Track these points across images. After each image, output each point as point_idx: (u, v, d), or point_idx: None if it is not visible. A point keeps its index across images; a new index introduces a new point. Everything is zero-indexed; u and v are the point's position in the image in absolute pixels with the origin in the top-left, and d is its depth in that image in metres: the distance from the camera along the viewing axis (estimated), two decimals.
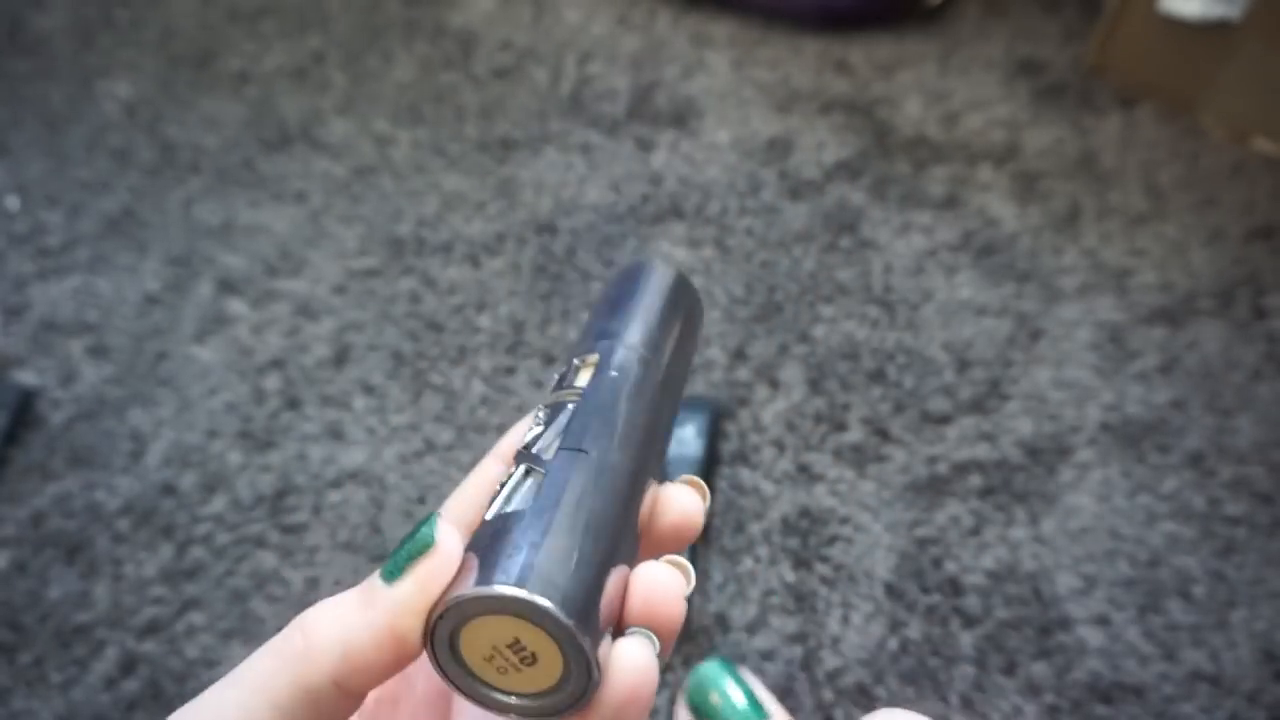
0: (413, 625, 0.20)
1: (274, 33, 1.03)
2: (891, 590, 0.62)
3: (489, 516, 0.22)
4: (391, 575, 0.20)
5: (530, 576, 0.20)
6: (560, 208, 0.85)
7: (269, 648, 0.21)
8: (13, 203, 0.86)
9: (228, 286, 0.79)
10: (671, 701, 0.58)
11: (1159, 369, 0.73)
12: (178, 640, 0.60)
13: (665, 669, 0.59)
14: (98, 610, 0.61)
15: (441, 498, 0.63)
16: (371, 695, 0.24)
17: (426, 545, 0.20)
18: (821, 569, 0.63)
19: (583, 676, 0.20)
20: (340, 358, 0.75)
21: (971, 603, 0.62)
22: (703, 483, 0.25)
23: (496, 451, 0.27)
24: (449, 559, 0.20)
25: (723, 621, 0.61)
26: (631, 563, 0.22)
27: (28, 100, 0.95)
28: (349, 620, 0.21)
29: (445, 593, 0.20)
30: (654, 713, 0.57)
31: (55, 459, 0.68)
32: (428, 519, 0.21)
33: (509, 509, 0.22)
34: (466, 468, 0.68)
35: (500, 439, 0.28)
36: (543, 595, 0.19)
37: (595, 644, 0.20)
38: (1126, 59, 0.94)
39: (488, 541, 0.21)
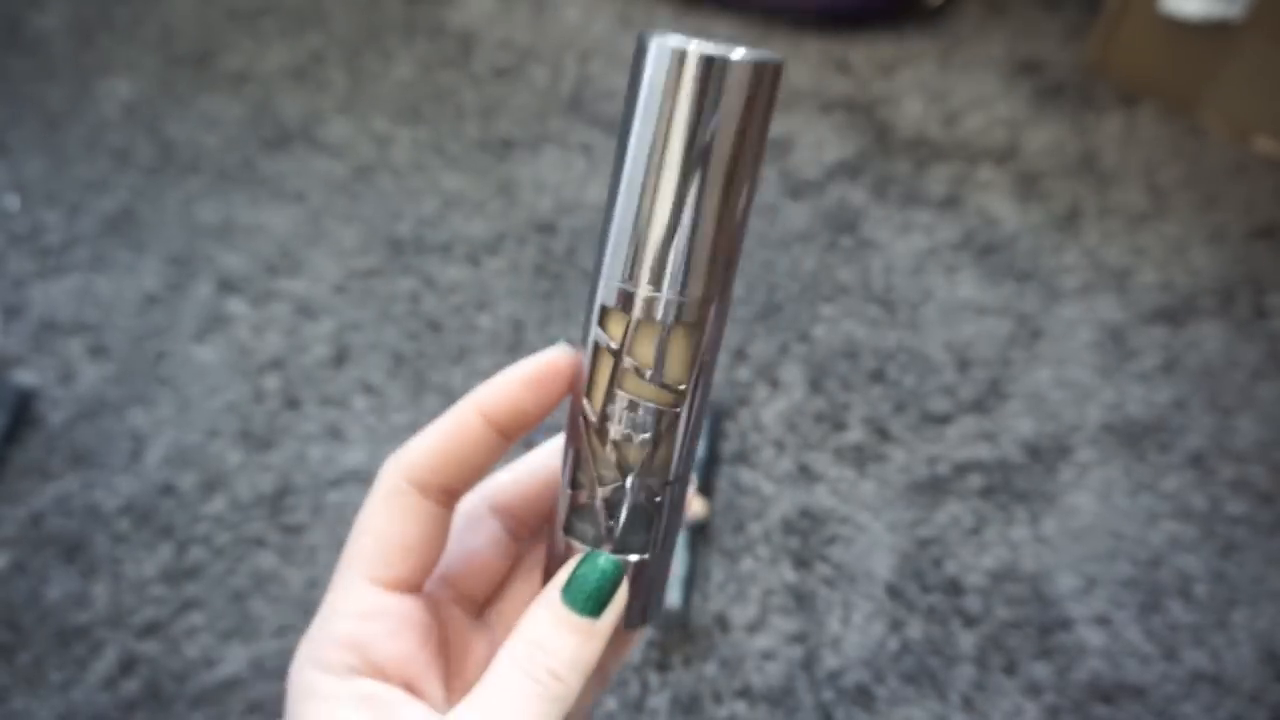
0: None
1: (274, 32, 1.03)
2: (892, 590, 0.62)
3: (614, 529, 0.27)
4: (597, 610, 0.26)
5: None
6: (560, 207, 0.85)
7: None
8: (12, 202, 0.86)
9: (227, 286, 0.79)
10: (672, 702, 0.58)
11: (1160, 368, 0.73)
12: (177, 640, 0.60)
13: (666, 668, 0.59)
14: (97, 610, 0.61)
15: None
16: (418, 666, 0.27)
17: (618, 582, 0.26)
18: (822, 569, 0.63)
19: None
20: (340, 357, 0.74)
21: (972, 603, 0.62)
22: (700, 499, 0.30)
23: (478, 404, 0.27)
24: (625, 594, 0.26)
25: (723, 621, 0.61)
26: None
27: (27, 99, 0.95)
28: (583, 656, 0.25)
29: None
30: (654, 712, 0.57)
31: (55, 459, 0.68)
32: (605, 559, 0.26)
33: (643, 547, 0.27)
34: None
35: (483, 387, 0.27)
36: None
37: None
38: (1127, 58, 0.94)
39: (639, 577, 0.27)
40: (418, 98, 0.95)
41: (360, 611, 0.26)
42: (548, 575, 0.28)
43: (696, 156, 0.23)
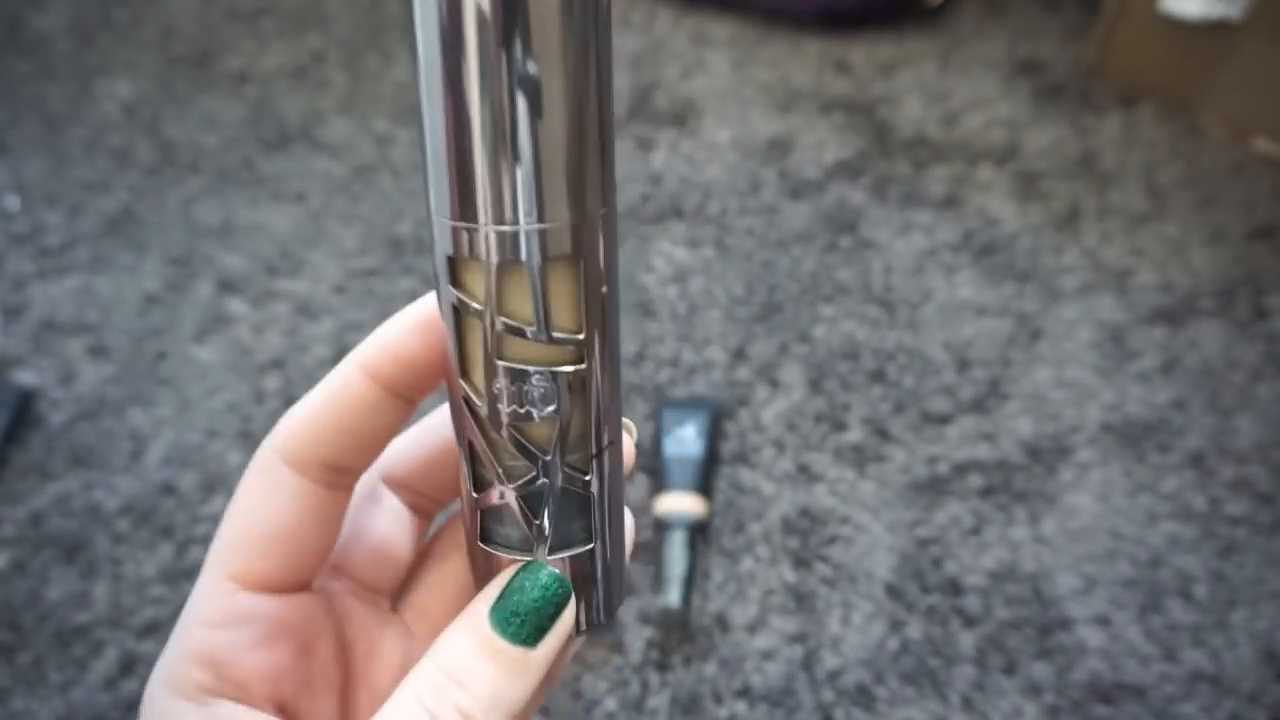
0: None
1: (274, 32, 1.03)
2: (891, 590, 0.62)
3: (543, 527, 0.22)
4: (532, 639, 0.21)
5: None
6: None
7: None
8: (12, 202, 0.86)
9: (228, 286, 0.79)
10: (672, 702, 0.58)
11: (1159, 369, 0.73)
12: None
13: (666, 668, 0.59)
14: (97, 610, 0.61)
15: None
16: (295, 682, 0.23)
17: (564, 602, 0.21)
18: (821, 569, 0.63)
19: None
20: (340, 357, 0.74)
21: (972, 603, 0.62)
22: (631, 424, 0.24)
23: (360, 361, 0.22)
24: (572, 615, 0.22)
25: (723, 621, 0.61)
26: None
27: (27, 100, 0.95)
28: (508, 694, 0.21)
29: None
30: (654, 712, 0.57)
31: (55, 459, 0.68)
32: (548, 574, 0.21)
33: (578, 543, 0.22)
34: None
35: (365, 341, 0.22)
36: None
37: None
38: (1127, 59, 0.94)
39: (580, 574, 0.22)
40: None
41: (215, 619, 0.21)
42: (476, 588, 0.23)
43: (508, 19, 0.16)
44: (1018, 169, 0.88)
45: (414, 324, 0.21)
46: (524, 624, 0.21)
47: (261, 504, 0.22)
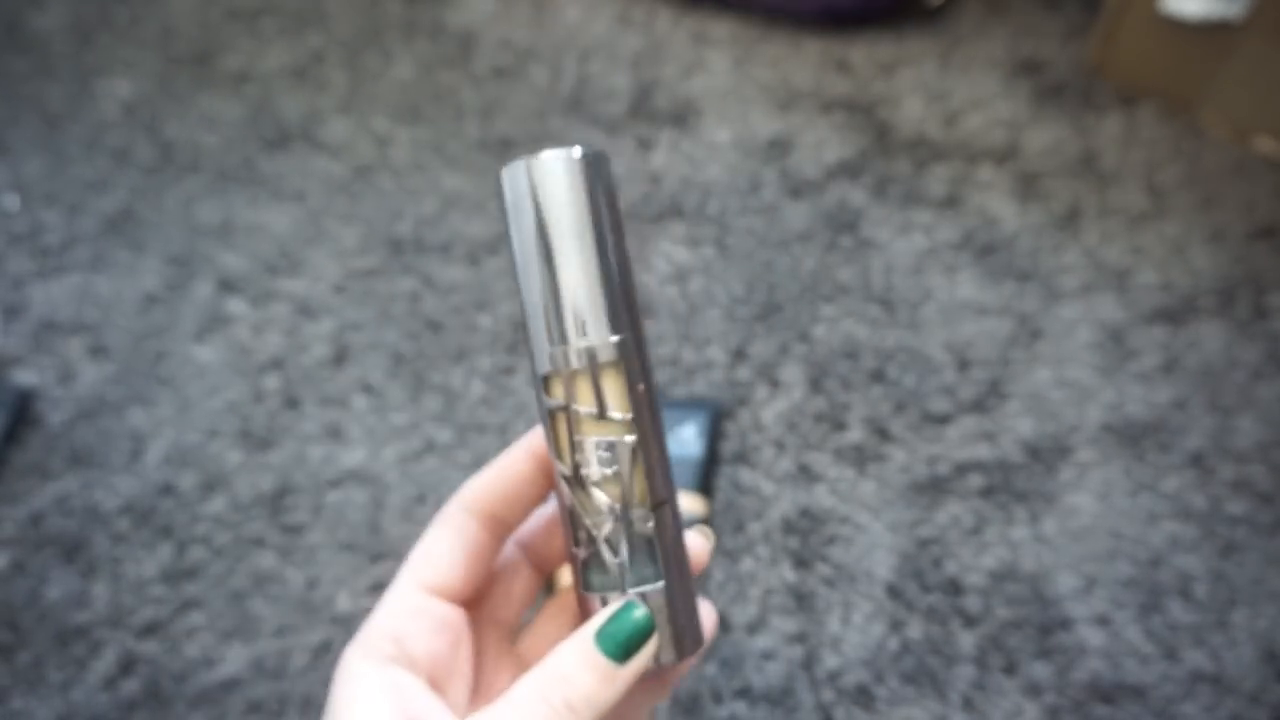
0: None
1: (273, 32, 1.03)
2: (892, 590, 0.62)
3: (622, 562, 0.30)
4: (624, 657, 0.28)
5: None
6: None
7: None
8: (12, 202, 0.86)
9: (227, 286, 0.79)
10: (672, 702, 0.58)
11: (1160, 368, 0.73)
12: (177, 640, 0.60)
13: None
14: (97, 610, 0.61)
15: (441, 499, 0.63)
16: (445, 665, 0.30)
17: (648, 634, 0.28)
18: (821, 569, 0.63)
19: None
20: (340, 357, 0.74)
21: (972, 603, 0.62)
22: (709, 530, 0.33)
23: (528, 445, 0.31)
24: (654, 645, 0.29)
25: (723, 621, 0.61)
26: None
27: (27, 99, 0.95)
28: (600, 696, 0.28)
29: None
30: (654, 712, 0.57)
31: (55, 459, 0.68)
32: (640, 611, 0.29)
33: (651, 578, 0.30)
34: (466, 466, 0.68)
35: (535, 429, 0.31)
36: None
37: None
38: (1127, 58, 0.94)
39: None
40: (418, 98, 0.95)
41: (405, 609, 0.30)
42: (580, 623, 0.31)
43: (556, 233, 0.28)
44: (1018, 169, 0.88)
45: None
46: (618, 645, 0.28)
47: (447, 537, 0.31)
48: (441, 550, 0.31)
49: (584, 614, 0.31)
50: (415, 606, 0.30)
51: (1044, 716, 0.57)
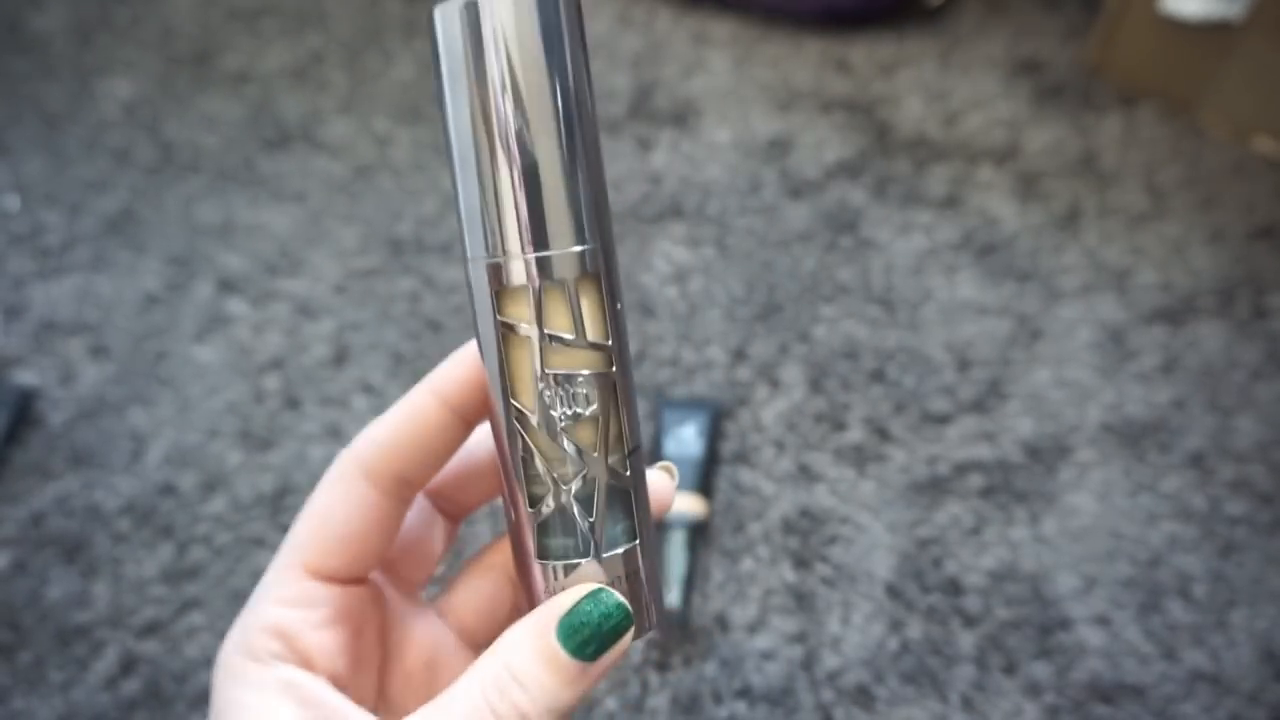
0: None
1: (274, 32, 1.03)
2: (892, 590, 0.62)
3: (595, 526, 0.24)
4: (592, 653, 0.23)
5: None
6: None
7: None
8: (12, 202, 0.86)
9: (228, 286, 0.79)
10: (672, 702, 0.58)
11: (1159, 368, 0.73)
12: (178, 640, 0.60)
13: (666, 668, 0.59)
14: (97, 610, 0.61)
15: None
16: (348, 658, 0.26)
17: (624, 630, 0.24)
18: (821, 569, 0.63)
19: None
20: (340, 357, 0.74)
21: (972, 603, 0.62)
22: (673, 466, 0.28)
23: (433, 387, 0.26)
24: (630, 638, 0.24)
25: (723, 621, 0.61)
26: None
27: (27, 99, 0.95)
28: (562, 699, 0.23)
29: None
30: (654, 712, 0.57)
31: (55, 459, 0.68)
32: (612, 599, 0.24)
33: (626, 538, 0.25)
34: None
35: (436, 370, 0.26)
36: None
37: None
38: (1127, 58, 0.94)
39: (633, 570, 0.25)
40: (418, 98, 0.95)
41: (290, 599, 0.25)
42: (530, 603, 0.25)
43: (526, 95, 0.22)
44: (1018, 169, 0.88)
45: (478, 354, 0.25)
46: (586, 641, 0.23)
47: (337, 509, 0.25)
48: (333, 525, 0.25)
49: (528, 586, 0.25)
50: (304, 595, 0.25)
51: (1044, 716, 0.57)
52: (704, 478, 0.66)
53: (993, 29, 1.03)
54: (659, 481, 0.27)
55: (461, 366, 0.25)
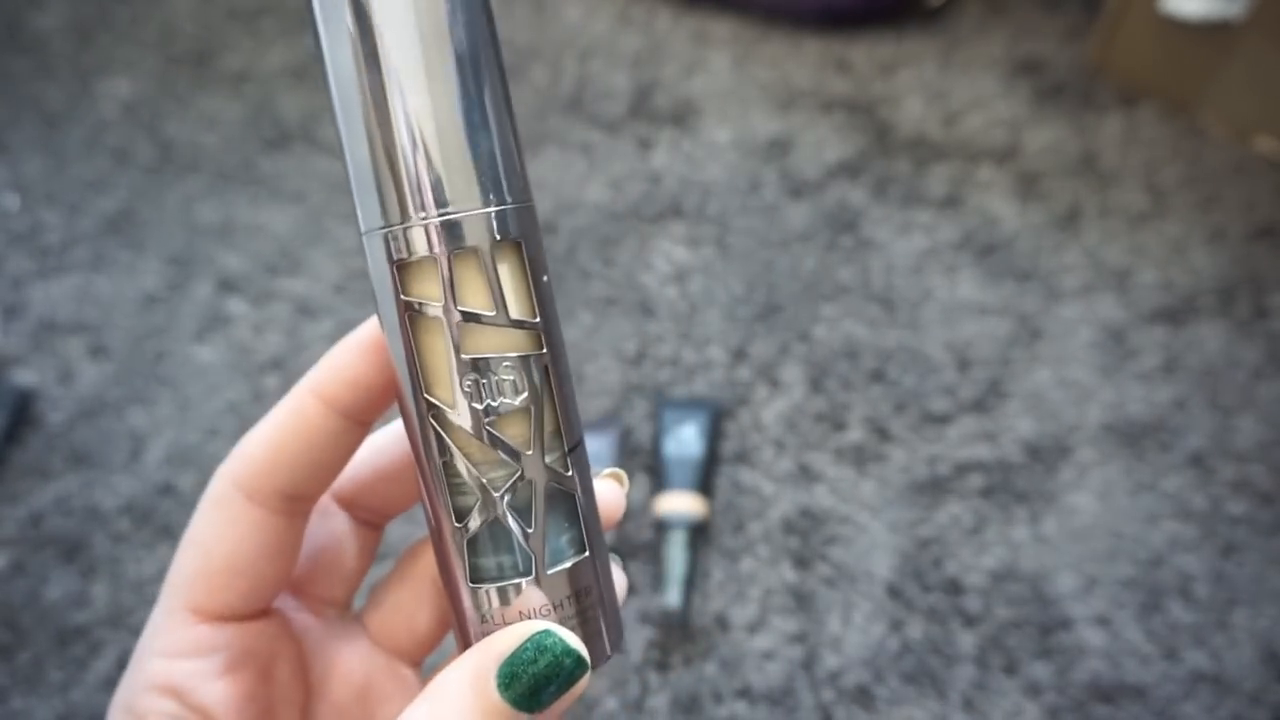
0: None
1: (273, 31, 1.03)
2: (892, 590, 0.62)
3: (534, 536, 0.21)
4: (538, 707, 0.19)
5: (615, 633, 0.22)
6: (560, 206, 0.85)
7: None
8: (12, 201, 0.86)
9: (227, 286, 0.79)
10: (672, 702, 0.58)
11: (1160, 368, 0.73)
12: None
13: (666, 668, 0.59)
14: (96, 610, 0.61)
15: None
16: (258, 706, 0.22)
17: (577, 677, 0.20)
18: (821, 569, 0.63)
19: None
20: None
21: (972, 602, 0.62)
22: (622, 473, 0.24)
23: (314, 388, 0.22)
24: (584, 685, 0.20)
25: (723, 621, 0.61)
26: None
27: (26, 99, 0.95)
28: None
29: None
30: (654, 712, 0.57)
31: (54, 459, 0.68)
32: (560, 644, 0.20)
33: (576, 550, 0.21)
34: None
35: (314, 368, 0.22)
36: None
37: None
38: (1127, 58, 0.94)
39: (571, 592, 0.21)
40: None
41: (179, 648, 0.21)
42: (460, 636, 0.22)
43: (427, 36, 0.18)
44: (1018, 169, 0.88)
45: (364, 345, 0.21)
46: (532, 694, 0.19)
47: (219, 537, 0.21)
48: (217, 557, 0.21)
49: (458, 615, 0.21)
50: (194, 641, 0.21)
51: (1044, 716, 0.57)
52: (704, 478, 0.66)
53: (993, 29, 1.02)
54: (609, 492, 0.23)
55: (347, 360, 0.21)
